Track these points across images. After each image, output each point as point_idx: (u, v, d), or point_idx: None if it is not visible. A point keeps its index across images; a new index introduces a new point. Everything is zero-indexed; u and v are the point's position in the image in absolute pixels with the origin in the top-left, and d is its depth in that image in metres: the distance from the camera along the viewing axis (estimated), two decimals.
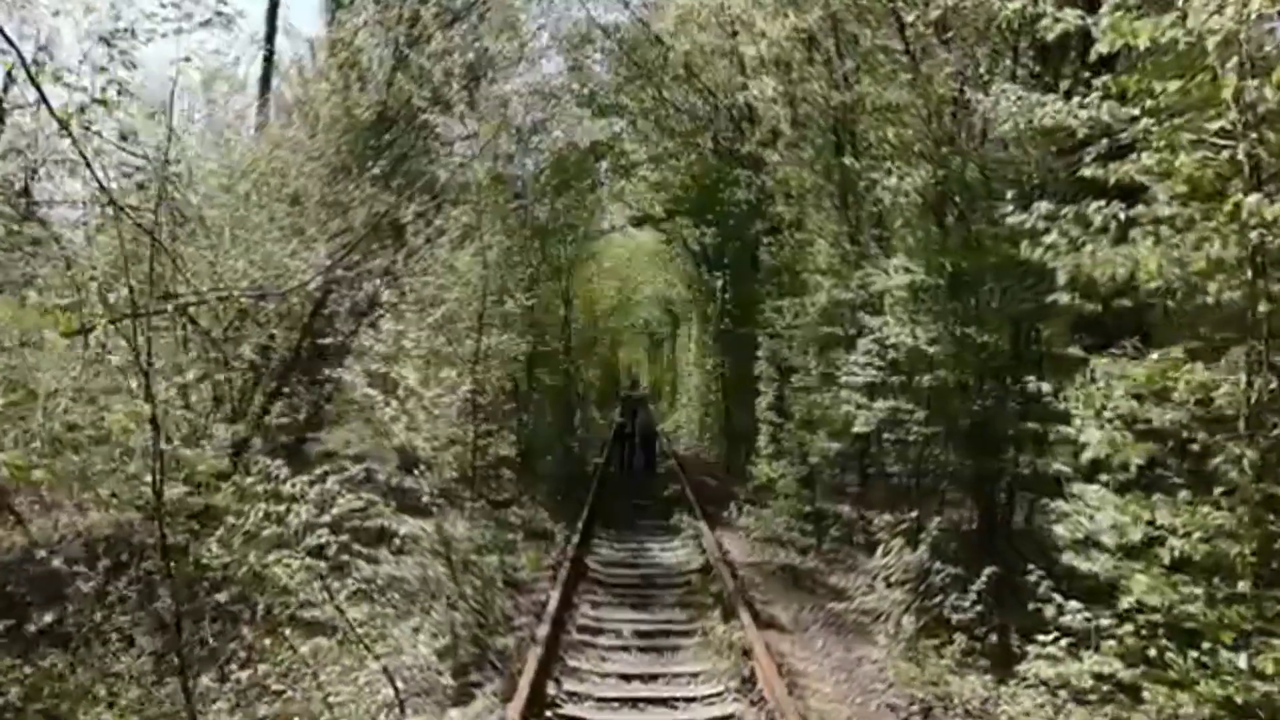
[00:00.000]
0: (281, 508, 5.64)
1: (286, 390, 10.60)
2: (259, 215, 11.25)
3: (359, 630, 5.44)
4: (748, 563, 10.14)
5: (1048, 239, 4.07)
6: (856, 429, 7.42)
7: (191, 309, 9.73)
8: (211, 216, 11.42)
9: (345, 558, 7.57)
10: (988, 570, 5.68)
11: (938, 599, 6.40)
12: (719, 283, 19.01)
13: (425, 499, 7.63)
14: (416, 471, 7.66)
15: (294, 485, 5.76)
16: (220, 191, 12.11)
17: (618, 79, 15.92)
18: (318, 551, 5.50)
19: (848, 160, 8.02)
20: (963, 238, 6.86)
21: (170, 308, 9.81)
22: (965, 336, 6.86)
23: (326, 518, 5.68)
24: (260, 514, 5.11)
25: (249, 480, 5.51)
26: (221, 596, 5.37)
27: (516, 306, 14.24)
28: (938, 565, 6.45)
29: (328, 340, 10.14)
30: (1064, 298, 4.18)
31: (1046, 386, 4.11)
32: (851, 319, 8.38)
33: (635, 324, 36.65)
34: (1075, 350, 4.51)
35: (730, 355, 18.01)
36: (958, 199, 6.72)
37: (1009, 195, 5.47)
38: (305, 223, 11.01)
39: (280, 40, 14.14)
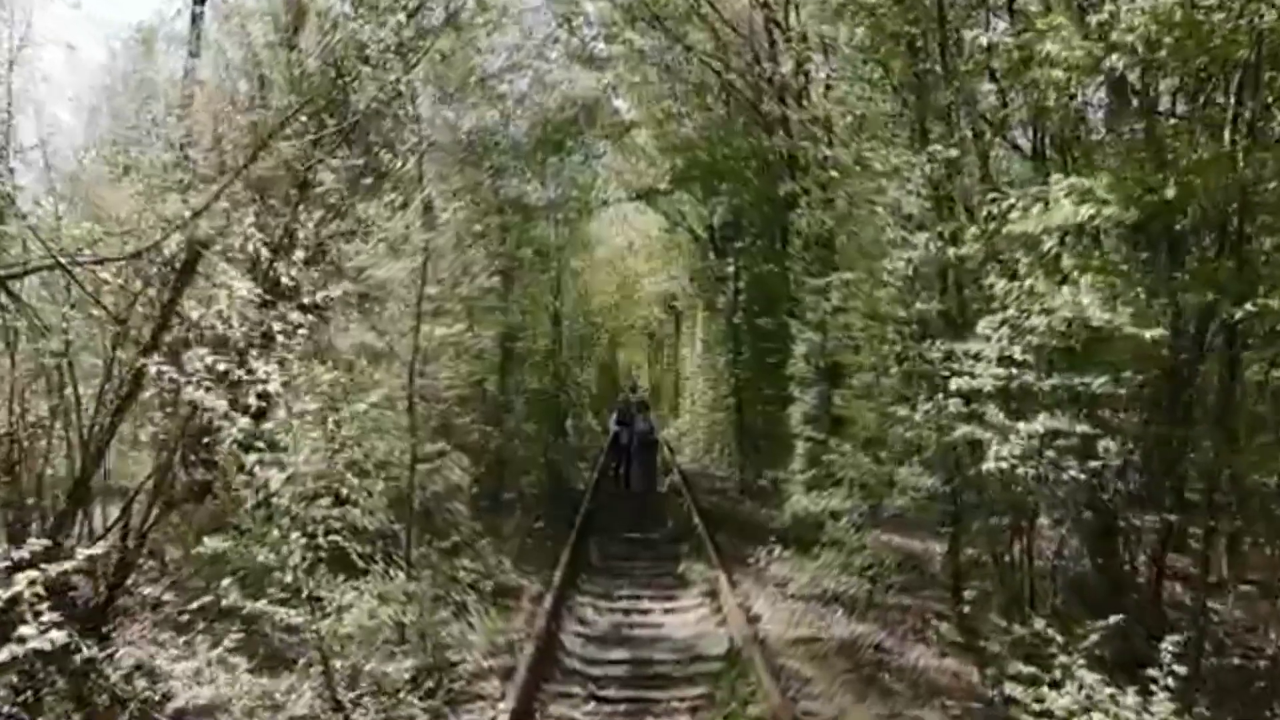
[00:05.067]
0: None
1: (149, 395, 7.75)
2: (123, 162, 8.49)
3: None
4: (790, 638, 7.22)
5: None
6: (990, 464, 4.51)
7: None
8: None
9: None
10: None
11: None
12: (731, 268, 16.15)
13: (291, 574, 4.73)
14: (278, 531, 4.76)
15: None
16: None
17: (617, 14, 13.02)
18: None
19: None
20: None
21: None
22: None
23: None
24: None
25: None
26: None
27: (481, 291, 11.40)
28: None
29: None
30: None
31: None
32: (965, 288, 5.52)
33: (635, 323, 33.79)
34: None
35: (746, 353, 15.12)
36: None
37: None
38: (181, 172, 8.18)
39: None
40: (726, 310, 16.57)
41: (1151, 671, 3.53)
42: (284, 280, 5.57)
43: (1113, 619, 3.81)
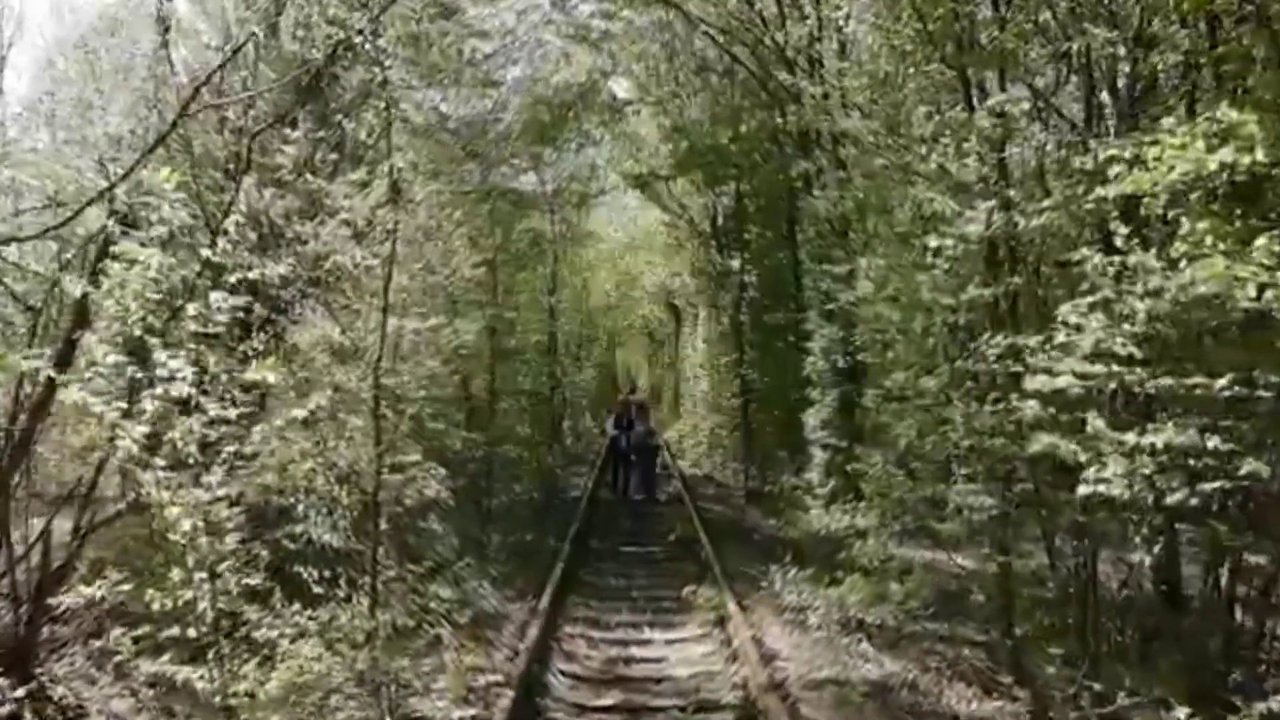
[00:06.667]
0: None
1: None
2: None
3: None
4: (812, 680, 6.21)
5: None
6: (1089, 487, 3.50)
7: None
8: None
9: None
10: None
11: None
12: (736, 262, 15.17)
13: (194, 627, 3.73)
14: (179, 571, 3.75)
15: None
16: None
17: None
18: None
19: None
20: None
21: None
22: None
23: None
24: None
25: None
26: None
27: (465, 283, 10.41)
28: None
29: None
30: None
31: None
32: (1034, 267, 4.55)
33: (634, 322, 32.79)
34: None
35: (753, 352, 14.14)
36: None
37: None
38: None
39: None
40: (731, 307, 15.60)
41: None
42: (210, 256, 4.57)
43: (1273, 703, 2.80)
